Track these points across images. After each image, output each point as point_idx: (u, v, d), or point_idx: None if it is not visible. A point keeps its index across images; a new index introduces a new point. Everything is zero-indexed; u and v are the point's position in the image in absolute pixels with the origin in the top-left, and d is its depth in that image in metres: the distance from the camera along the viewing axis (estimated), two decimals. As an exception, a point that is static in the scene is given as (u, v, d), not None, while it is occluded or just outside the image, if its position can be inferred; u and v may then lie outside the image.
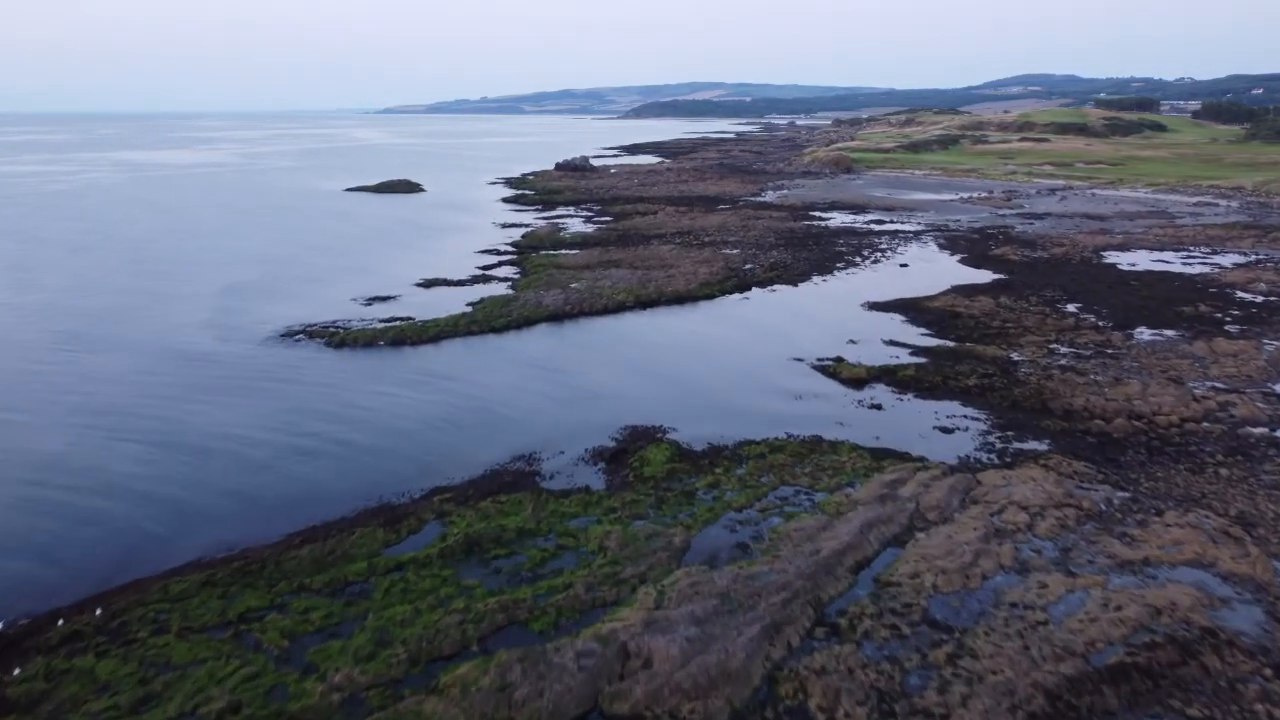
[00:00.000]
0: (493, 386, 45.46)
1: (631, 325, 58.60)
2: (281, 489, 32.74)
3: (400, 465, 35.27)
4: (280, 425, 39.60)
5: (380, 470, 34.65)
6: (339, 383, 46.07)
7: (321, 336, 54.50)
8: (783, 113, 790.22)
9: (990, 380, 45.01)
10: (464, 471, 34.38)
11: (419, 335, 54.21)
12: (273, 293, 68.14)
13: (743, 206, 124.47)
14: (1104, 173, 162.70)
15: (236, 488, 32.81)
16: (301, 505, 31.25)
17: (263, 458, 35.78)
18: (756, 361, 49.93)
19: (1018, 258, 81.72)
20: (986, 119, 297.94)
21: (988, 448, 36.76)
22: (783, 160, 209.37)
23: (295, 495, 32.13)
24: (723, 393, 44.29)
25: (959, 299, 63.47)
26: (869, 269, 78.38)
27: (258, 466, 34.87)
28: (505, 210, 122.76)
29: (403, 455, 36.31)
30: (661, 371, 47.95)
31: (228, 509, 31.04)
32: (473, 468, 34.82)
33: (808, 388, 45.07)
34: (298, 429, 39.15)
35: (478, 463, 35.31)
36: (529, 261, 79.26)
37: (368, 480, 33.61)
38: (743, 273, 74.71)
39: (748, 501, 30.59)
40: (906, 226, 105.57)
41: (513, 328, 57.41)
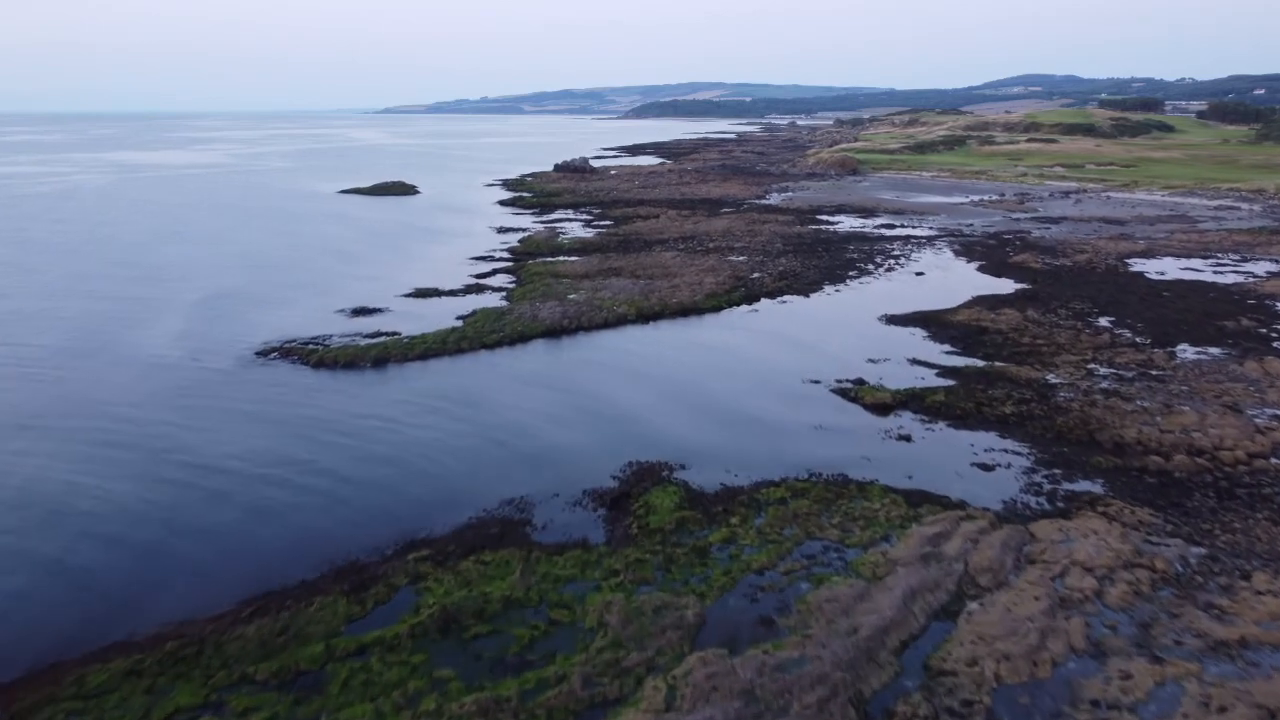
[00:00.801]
0: (481, 414, 41.41)
1: (633, 341, 54.54)
2: (234, 542, 28.67)
3: (373, 511, 31.23)
4: (243, 460, 35.56)
5: (351, 517, 30.61)
6: (314, 409, 42.03)
7: (300, 354, 50.43)
8: (783, 113, 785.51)
9: (1028, 407, 40.95)
10: (445, 519, 30.33)
11: (405, 353, 50.16)
12: (253, 303, 64.10)
13: (747, 210, 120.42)
14: (1117, 175, 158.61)
15: (182, 542, 28.74)
16: (256, 564, 27.20)
17: (218, 502, 31.73)
18: (770, 384, 45.88)
19: (1039, 266, 77.65)
20: (991, 119, 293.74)
21: (1035, 489, 32.71)
22: (786, 161, 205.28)
23: (250, 551, 28.08)
24: (734, 421, 40.23)
25: (983, 312, 59.40)
26: (883, 277, 74.32)
27: (210, 513, 30.79)
28: (502, 214, 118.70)
29: (377, 499, 32.27)
30: (666, 396, 43.89)
31: (168, 569, 26.98)
32: (455, 514, 30.78)
33: (828, 415, 41.01)
34: (262, 465, 35.11)
35: (461, 508, 31.28)
36: (525, 270, 75.20)
37: (335, 531, 29.57)
38: (750, 282, 70.66)
39: (770, 561, 26.53)
40: (918, 231, 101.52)
41: (506, 344, 53.37)
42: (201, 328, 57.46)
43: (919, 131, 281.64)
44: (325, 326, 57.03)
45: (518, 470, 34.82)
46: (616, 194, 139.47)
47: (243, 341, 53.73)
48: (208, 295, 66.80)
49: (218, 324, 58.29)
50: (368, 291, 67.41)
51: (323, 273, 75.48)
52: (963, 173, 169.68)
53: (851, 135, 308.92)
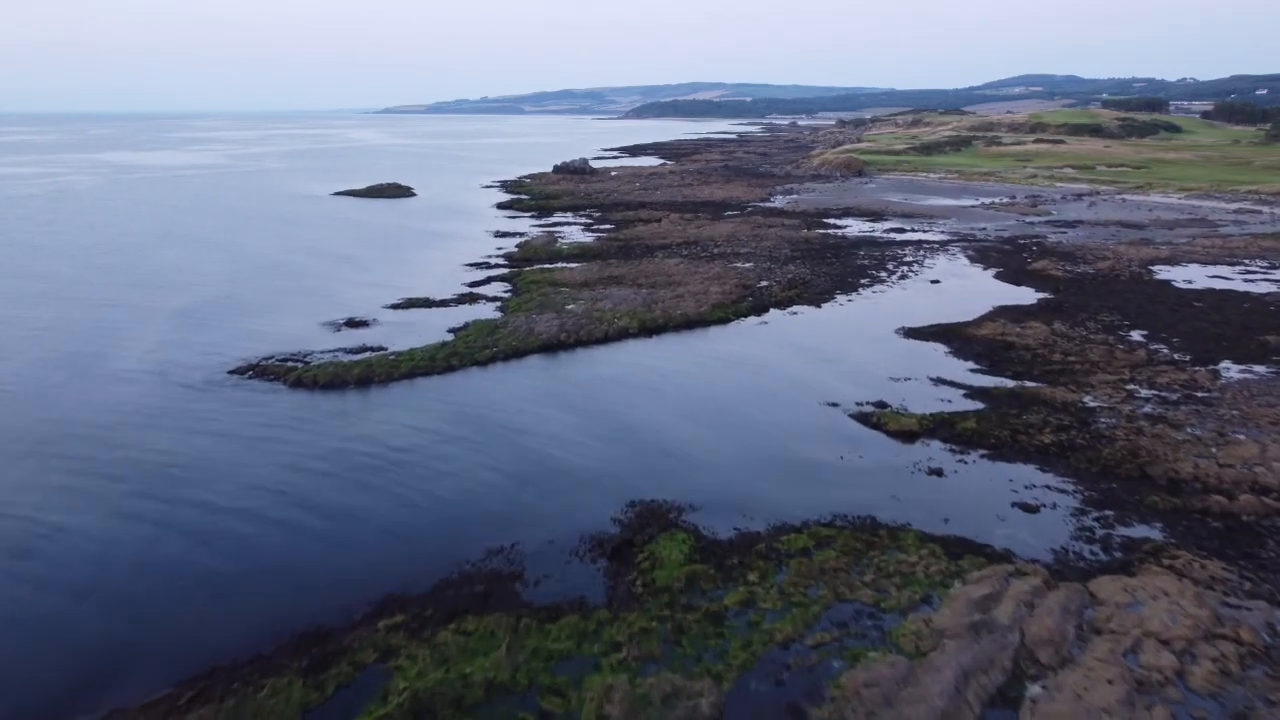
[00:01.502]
0: (470, 442, 37.89)
1: (635, 358, 51.00)
2: (179, 606, 25.13)
3: (342, 560, 27.73)
4: (199, 497, 32.04)
5: (317, 571, 27.08)
6: (287, 435, 38.51)
7: (277, 373, 46.90)
8: (784, 113, 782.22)
9: (1069, 435, 37.41)
10: (424, 571, 26.80)
11: (390, 372, 46.62)
12: (233, 314, 60.62)
13: (752, 213, 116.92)
14: (1129, 176, 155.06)
15: (117, 605, 25.19)
16: (202, 632, 23.67)
17: (166, 552, 28.19)
18: (783, 407, 42.34)
19: (1060, 273, 74.09)
20: (996, 120, 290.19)
21: (1087, 535, 29.16)
22: (790, 162, 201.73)
23: (196, 617, 24.53)
24: (747, 452, 36.69)
25: (1008, 325, 55.86)
26: (897, 286, 70.78)
27: (155, 568, 27.25)
28: (499, 217, 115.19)
29: (347, 545, 28.75)
30: (671, 422, 40.35)
31: (96, 642, 23.43)
32: (436, 564, 27.26)
33: (848, 444, 37.47)
34: (223, 505, 31.59)
35: (443, 557, 27.76)
36: (521, 278, 71.66)
37: (298, 588, 26.05)
38: (758, 291, 67.12)
39: (795, 630, 23.00)
40: (930, 236, 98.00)
41: (499, 360, 49.86)
42: (175, 341, 54.03)
43: (923, 132, 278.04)
44: (307, 340, 53.56)
45: (508, 510, 31.32)
46: (617, 196, 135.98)
47: (218, 357, 50.29)
48: (186, 305, 63.35)
49: (193, 337, 54.83)
50: (355, 301, 63.94)
51: (308, 280, 71.98)
52: (971, 174, 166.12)
53: (855, 136, 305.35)
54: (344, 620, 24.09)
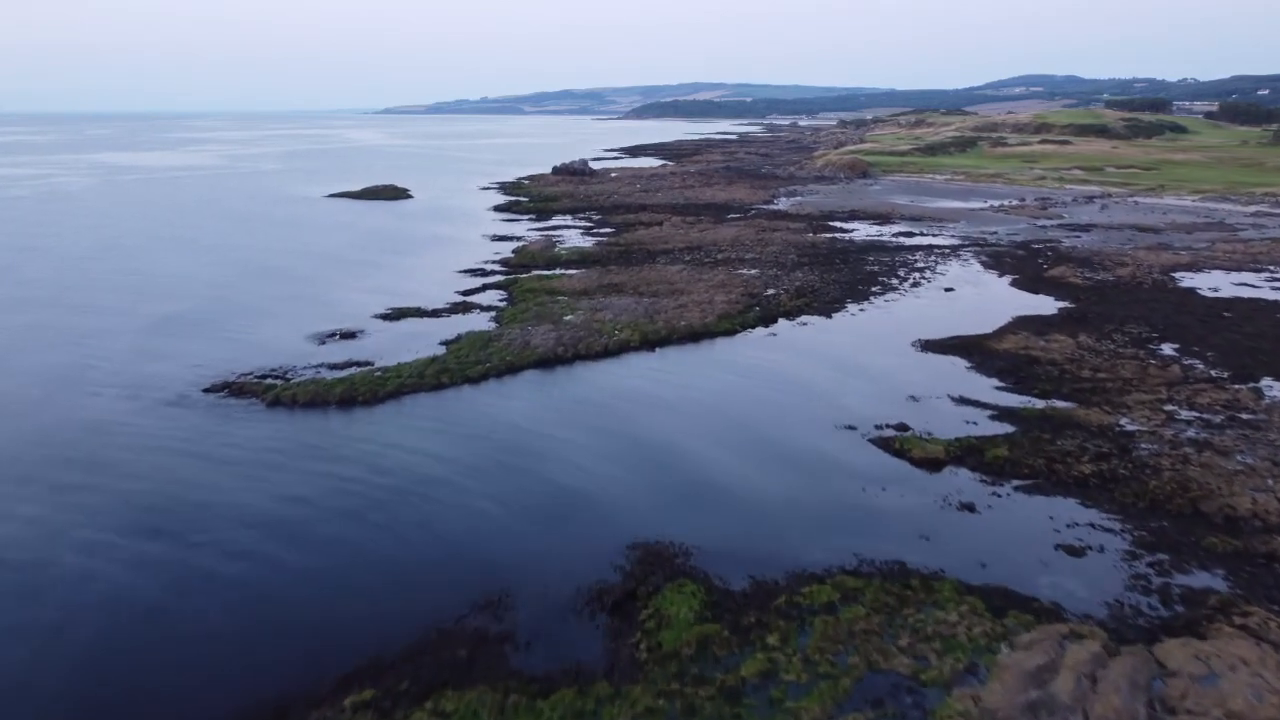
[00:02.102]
0: (459, 470, 34.89)
1: (636, 374, 47.96)
2: (117, 670, 22.10)
3: (309, 618, 24.74)
4: (158, 537, 29.02)
5: (275, 633, 24.05)
6: (259, 464, 35.50)
7: (254, 391, 43.88)
8: (784, 113, 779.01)
9: (1109, 464, 34.38)
10: (401, 631, 23.80)
11: (375, 390, 43.58)
12: (215, 324, 57.66)
13: (755, 216, 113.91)
14: (1139, 178, 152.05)
15: (43, 670, 22.14)
16: (139, 707, 20.66)
17: (111, 601, 25.18)
18: (798, 430, 39.31)
19: (1079, 281, 71.08)
20: (1000, 120, 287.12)
21: (1143, 585, 26.14)
22: (793, 164, 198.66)
23: (134, 684, 21.51)
24: (759, 483, 33.68)
25: (1030, 338, 52.84)
26: (910, 294, 67.75)
27: (93, 617, 24.22)
28: (496, 220, 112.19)
29: (315, 599, 25.75)
30: (675, 446, 37.33)
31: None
32: (414, 622, 24.24)
33: (870, 473, 34.46)
34: (181, 546, 28.58)
35: (423, 612, 24.74)
36: (518, 285, 68.64)
37: (256, 650, 23.06)
38: (765, 300, 64.11)
39: (824, 710, 20.00)
40: (940, 240, 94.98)
41: (493, 376, 46.85)
42: (152, 352, 51.15)
43: (926, 132, 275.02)
44: (289, 354, 50.57)
45: (498, 552, 28.31)
46: (617, 198, 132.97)
47: (195, 370, 47.36)
48: (167, 312, 60.45)
49: (171, 348, 51.91)
50: (344, 310, 60.96)
51: (296, 287, 68.98)
52: (977, 176, 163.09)
53: (857, 136, 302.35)
54: (305, 695, 21.06)
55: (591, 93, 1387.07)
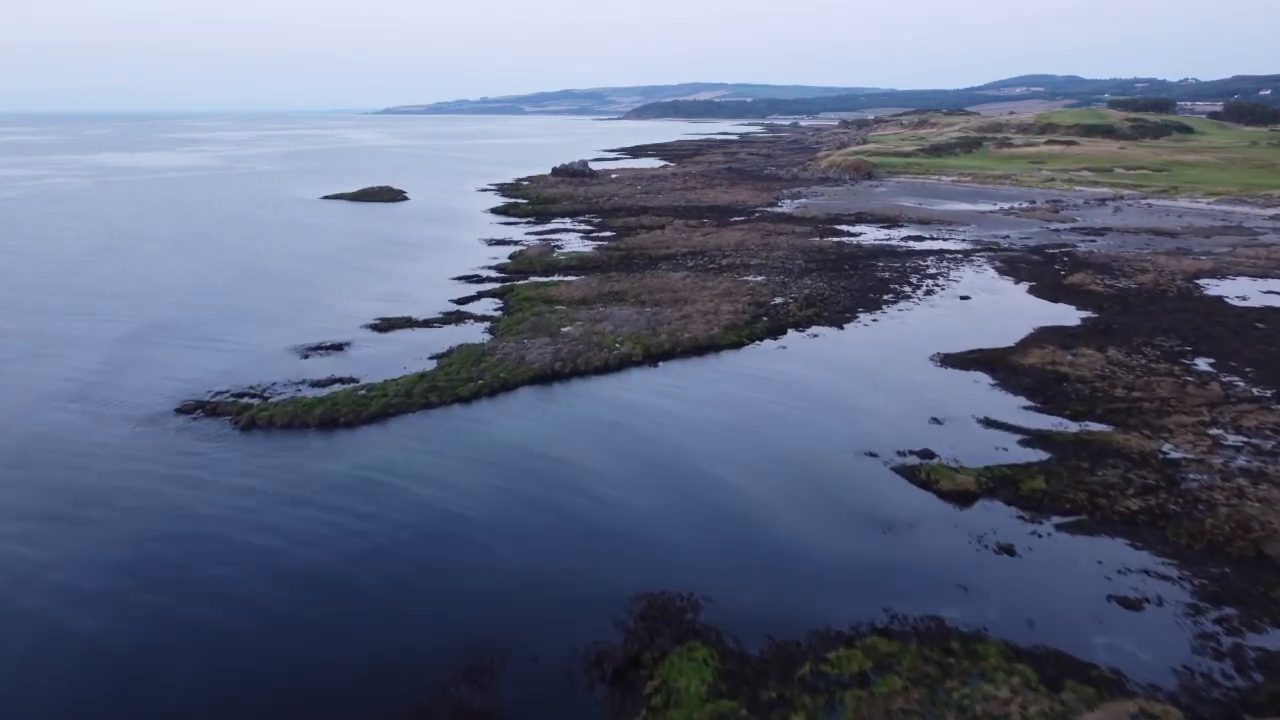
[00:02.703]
0: (443, 506, 31.94)
1: (638, 392, 44.94)
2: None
3: (269, 680, 21.75)
4: (108, 583, 26.05)
5: (227, 702, 21.06)
6: (227, 495, 32.55)
7: (229, 411, 40.88)
8: (785, 113, 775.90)
9: (1157, 499, 31.39)
10: (374, 700, 20.84)
11: (359, 410, 40.58)
12: (193, 335, 54.75)
13: (759, 219, 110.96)
14: (1151, 180, 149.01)
15: None
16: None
17: (31, 666, 22.18)
18: (813, 457, 36.35)
19: (1101, 289, 68.08)
20: (1004, 120, 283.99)
21: (1212, 648, 23.16)
22: (796, 164, 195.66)
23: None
24: (774, 520, 30.71)
25: (1056, 352, 49.85)
26: (924, 303, 64.77)
27: (17, 685, 21.25)
28: (494, 223, 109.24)
29: (280, 657, 22.77)
30: (681, 481, 34.36)
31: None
32: (389, 689, 21.33)
33: (895, 509, 31.48)
34: (134, 585, 25.64)
35: (398, 679, 21.78)
36: (514, 294, 65.66)
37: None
38: (773, 310, 61.13)
39: (863, 816, 16.95)
40: (951, 244, 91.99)
41: (485, 394, 43.86)
42: (124, 365, 48.36)
43: (930, 133, 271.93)
44: (269, 370, 47.61)
45: (485, 607, 25.37)
46: (618, 200, 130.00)
47: (168, 386, 44.49)
48: (145, 322, 57.58)
49: (145, 361, 49.07)
50: (328, 321, 58.00)
51: (282, 294, 66.03)
52: (985, 177, 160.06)
53: (860, 137, 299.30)
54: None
55: (592, 93, 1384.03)
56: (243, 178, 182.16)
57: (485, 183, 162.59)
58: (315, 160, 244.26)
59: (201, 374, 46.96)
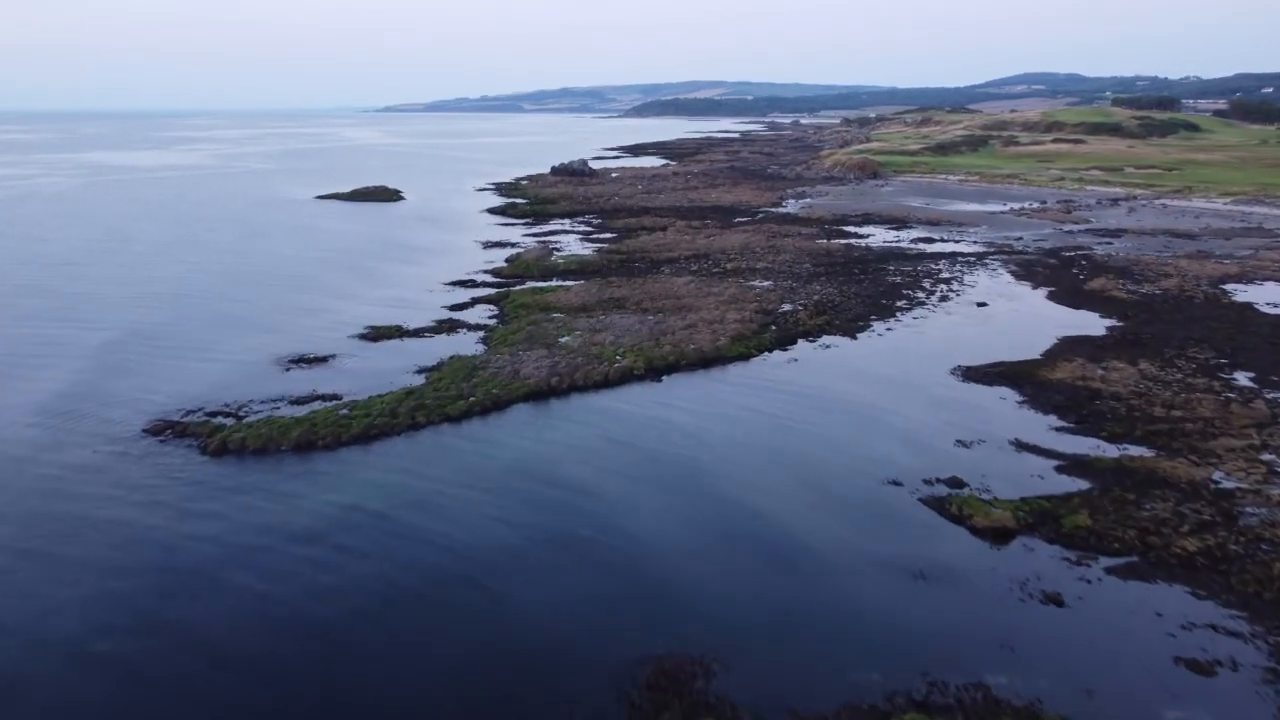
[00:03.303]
0: (426, 541, 29.02)
1: (639, 409, 41.94)
2: None
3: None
4: (54, 629, 23.06)
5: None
6: (189, 529, 29.68)
7: (200, 433, 37.89)
8: (785, 111, 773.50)
9: (1216, 537, 28.41)
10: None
11: (339, 432, 37.59)
12: (169, 347, 51.77)
13: (764, 220, 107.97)
14: (1163, 179, 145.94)
15: None
16: None
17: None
18: (832, 486, 33.37)
19: (1124, 294, 65.07)
20: (1009, 118, 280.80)
21: (1303, 725, 20.13)
22: (799, 163, 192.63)
23: None
24: (794, 566, 27.73)
25: (1086, 365, 46.85)
26: (939, 310, 61.75)
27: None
28: (491, 224, 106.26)
29: None
30: (684, 513, 31.41)
31: None
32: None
33: (927, 546, 28.52)
34: (85, 631, 22.65)
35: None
36: (510, 300, 62.67)
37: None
38: (782, 318, 58.14)
39: None
40: (962, 247, 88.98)
41: (476, 413, 40.88)
42: (93, 382, 45.32)
43: (934, 131, 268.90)
44: (248, 383, 44.69)
45: (464, 669, 22.39)
46: (618, 200, 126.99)
47: (137, 405, 41.55)
48: (119, 334, 54.51)
49: (116, 376, 46.16)
50: (314, 331, 55.03)
51: (265, 301, 63.02)
52: (992, 176, 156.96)
53: (863, 135, 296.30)
54: None
55: (591, 91, 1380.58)
56: (237, 177, 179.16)
57: (483, 182, 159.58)
58: (311, 159, 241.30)
59: (177, 386, 44.09)
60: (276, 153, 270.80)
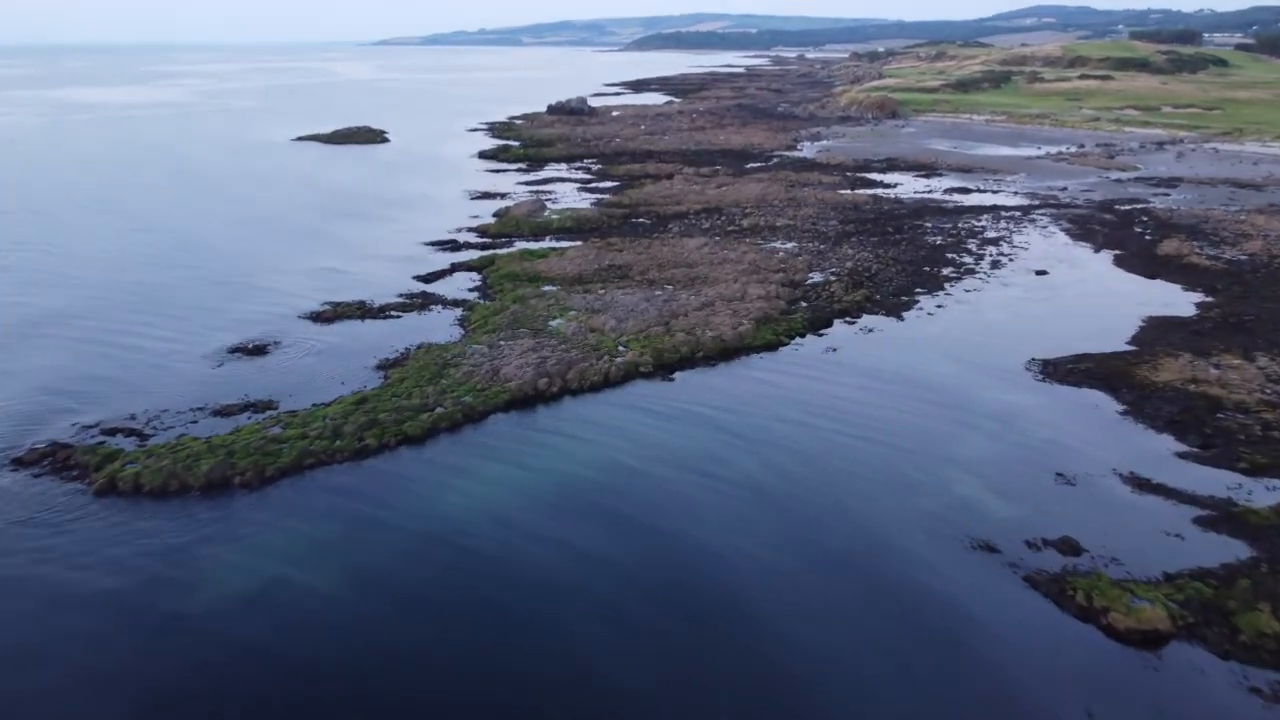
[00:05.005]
0: (362, 636, 20.92)
1: (646, 425, 33.54)
2: None
3: None
4: None
5: None
6: (47, 617, 21.54)
7: (87, 464, 29.60)
8: (790, 45, 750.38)
9: None
10: None
11: (262, 466, 29.24)
12: (83, 331, 43.40)
13: (779, 165, 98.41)
14: (1206, 120, 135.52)
15: None
16: None
17: None
18: (896, 547, 25.19)
19: (1204, 261, 56.27)
20: (1029, 53, 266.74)
21: None
22: (812, 101, 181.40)
23: None
24: (840, 678, 19.63)
25: (1194, 362, 38.38)
26: (993, 280, 53.13)
27: None
28: (481, 170, 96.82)
29: None
30: (702, 590, 23.25)
31: None
32: None
33: (1042, 659, 20.51)
34: None
35: None
36: (494, 268, 53.97)
37: None
38: (812, 292, 49.61)
39: None
40: (1002, 198, 79.89)
41: (444, 429, 32.59)
42: (-23, 383, 36.81)
43: (950, 66, 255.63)
44: (165, 386, 36.37)
45: None
46: (619, 143, 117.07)
47: (21, 415, 33.58)
48: (25, 314, 46.08)
49: (5, 372, 37.60)
50: (259, 309, 46.52)
51: (210, 272, 54.26)
52: (1021, 116, 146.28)
53: (875, 71, 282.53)
54: None
55: (591, 24, 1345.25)
56: (213, 115, 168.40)
57: (475, 122, 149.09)
58: (297, 96, 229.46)
59: (77, 389, 35.85)
60: (261, 89, 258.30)
